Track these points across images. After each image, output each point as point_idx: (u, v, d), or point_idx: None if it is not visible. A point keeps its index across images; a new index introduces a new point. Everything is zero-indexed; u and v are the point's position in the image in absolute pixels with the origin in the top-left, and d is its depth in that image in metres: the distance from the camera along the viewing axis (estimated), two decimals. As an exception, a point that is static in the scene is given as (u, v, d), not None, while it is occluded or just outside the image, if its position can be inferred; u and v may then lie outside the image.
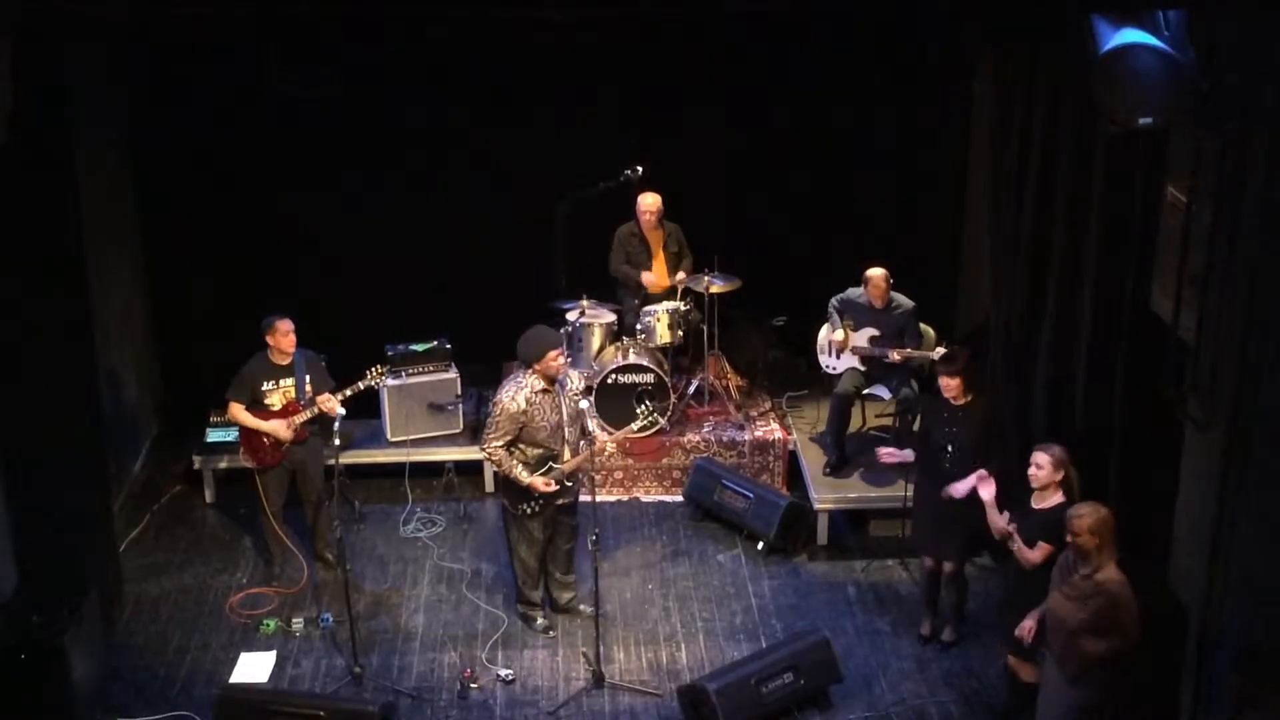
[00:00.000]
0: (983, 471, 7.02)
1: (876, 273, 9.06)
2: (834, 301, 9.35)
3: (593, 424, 8.08)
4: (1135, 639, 6.01)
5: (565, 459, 7.81)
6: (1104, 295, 7.32)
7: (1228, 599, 5.74)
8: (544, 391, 7.70)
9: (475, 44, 9.66)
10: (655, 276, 10.12)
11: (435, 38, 9.52)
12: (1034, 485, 6.70)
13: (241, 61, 9.61)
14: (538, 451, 7.76)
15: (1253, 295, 5.44)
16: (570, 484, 7.94)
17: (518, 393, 7.70)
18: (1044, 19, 7.03)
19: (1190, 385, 6.01)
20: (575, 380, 7.99)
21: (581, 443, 7.91)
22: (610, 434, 8.64)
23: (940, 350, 8.51)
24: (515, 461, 7.74)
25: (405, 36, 9.49)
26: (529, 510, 7.86)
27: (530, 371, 7.72)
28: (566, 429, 7.81)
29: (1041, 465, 6.65)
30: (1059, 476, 6.61)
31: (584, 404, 7.94)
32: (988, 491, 6.86)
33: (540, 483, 7.71)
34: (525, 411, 7.67)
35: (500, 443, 7.71)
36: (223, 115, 10.02)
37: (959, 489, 7.39)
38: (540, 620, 8.22)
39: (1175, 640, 6.17)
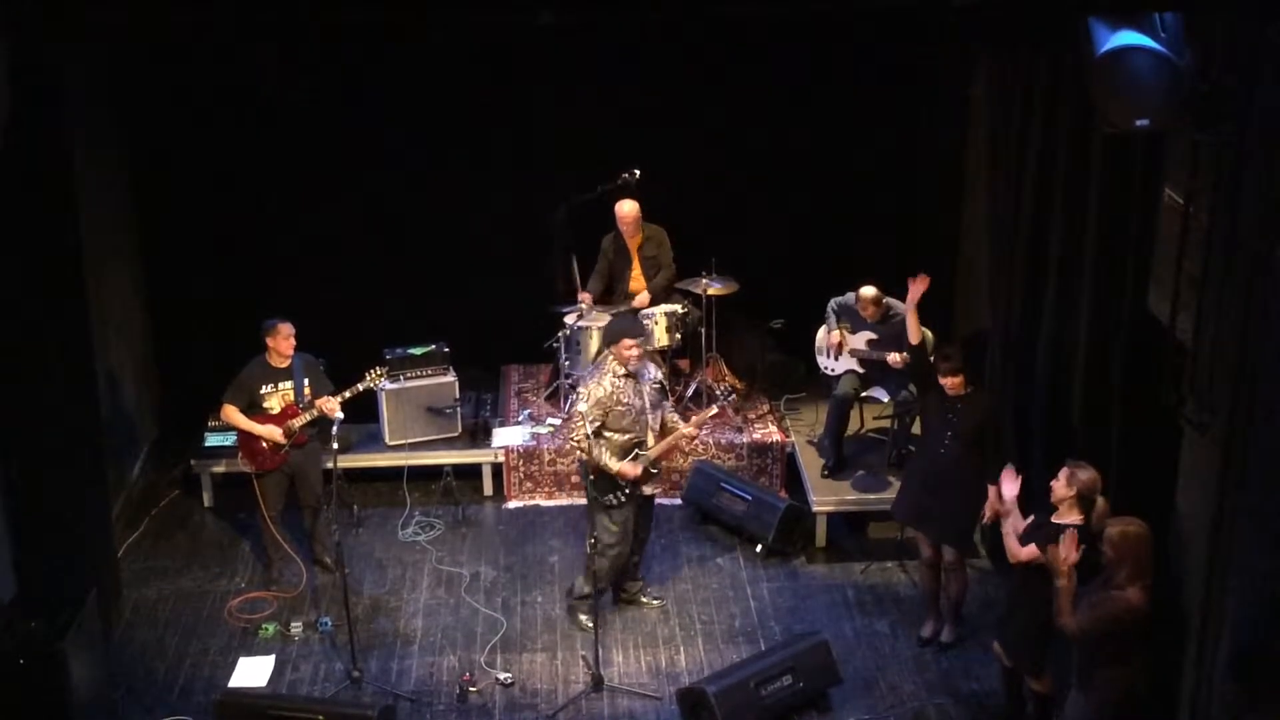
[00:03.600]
0: (1011, 469, 7.01)
1: (867, 293, 9.06)
2: (832, 304, 9.36)
3: (672, 415, 8.14)
4: (1127, 645, 6.02)
5: (650, 446, 7.87)
6: (1102, 297, 7.32)
7: (1226, 601, 5.73)
8: (626, 376, 7.79)
9: (473, 48, 9.69)
10: (633, 288, 10.14)
11: (433, 41, 9.54)
12: (1052, 499, 6.69)
13: (240, 63, 9.62)
14: (624, 438, 7.81)
15: (1250, 297, 5.43)
16: (655, 471, 8.00)
17: (601, 378, 7.83)
18: (1041, 21, 7.03)
19: (1188, 387, 6.00)
20: (655, 371, 8.09)
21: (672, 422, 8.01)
22: (687, 422, 8.38)
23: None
24: (603, 449, 7.77)
25: (403, 40, 9.50)
26: (615, 501, 7.88)
27: (609, 357, 7.86)
28: (649, 415, 7.87)
29: (1058, 480, 6.59)
30: (1071, 493, 6.52)
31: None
32: (1011, 489, 6.86)
33: (630, 468, 7.77)
34: (610, 395, 7.75)
35: (589, 429, 7.74)
36: (222, 118, 10.05)
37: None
38: (584, 617, 8.19)
39: (1174, 643, 6.16)
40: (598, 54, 9.75)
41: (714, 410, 8.39)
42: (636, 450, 7.87)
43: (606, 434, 7.83)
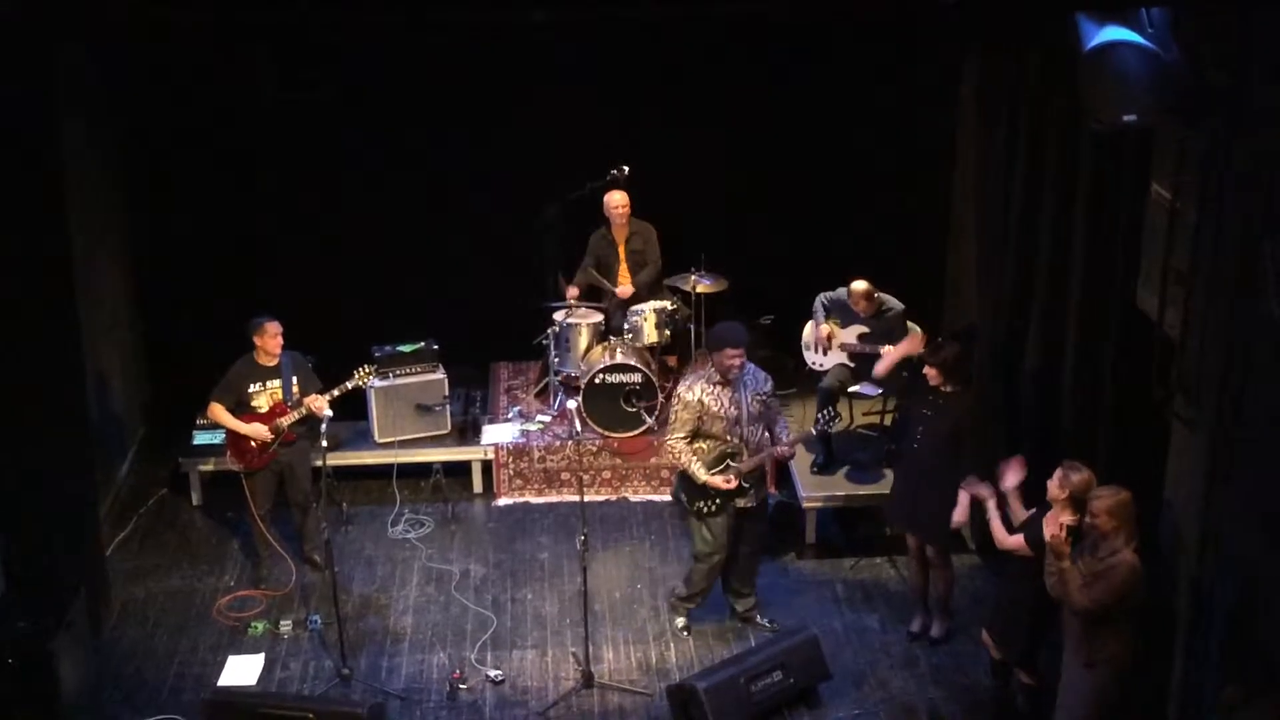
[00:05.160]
0: (1020, 459, 7.02)
1: (859, 288, 9.04)
2: (821, 298, 9.35)
3: (785, 433, 7.91)
4: (1127, 615, 6.06)
5: (745, 459, 7.72)
6: (1091, 292, 7.34)
7: (1216, 593, 5.76)
8: (721, 384, 7.63)
9: (463, 46, 9.66)
10: (620, 281, 10.13)
11: (424, 40, 9.52)
12: (1047, 498, 6.70)
13: (231, 62, 9.60)
14: (716, 448, 7.66)
15: (1237, 292, 5.46)
16: (748, 485, 7.75)
17: (695, 383, 7.68)
18: (1030, 18, 7.04)
19: (1176, 383, 6.02)
20: (766, 383, 7.83)
21: (768, 440, 7.78)
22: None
23: None
24: (694, 457, 7.65)
25: (394, 39, 9.49)
26: (706, 509, 7.75)
27: (709, 365, 7.71)
28: (746, 427, 7.67)
29: (1052, 481, 6.61)
30: (1064, 495, 6.53)
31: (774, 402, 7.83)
32: (1014, 478, 6.88)
33: (719, 481, 7.61)
34: (701, 402, 7.61)
35: (681, 434, 7.65)
36: (212, 117, 10.03)
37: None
38: (681, 620, 8.15)
39: (1165, 634, 6.19)
40: (589, 51, 9.74)
41: (810, 432, 8.21)
42: (728, 462, 7.67)
43: (699, 441, 7.70)
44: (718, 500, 7.71)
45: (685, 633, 8.12)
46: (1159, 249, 6.17)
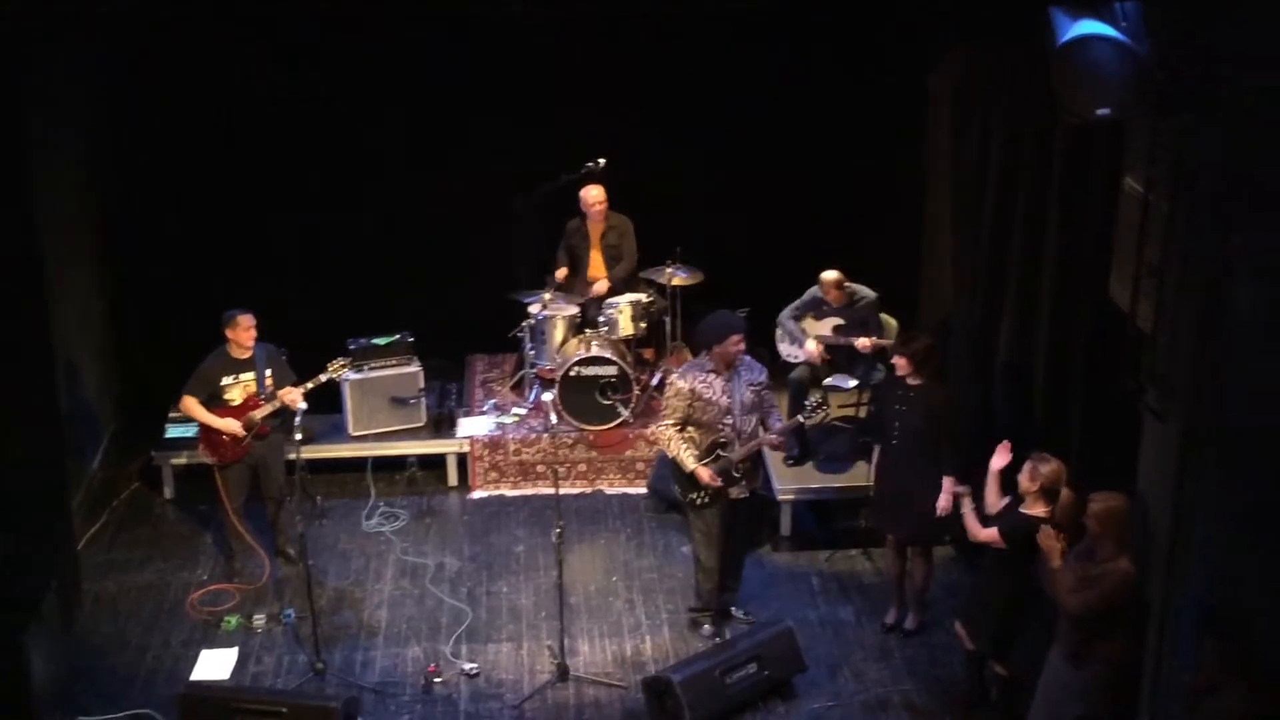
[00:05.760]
0: (1006, 443, 7.04)
1: (829, 277, 9.04)
2: (784, 319, 9.27)
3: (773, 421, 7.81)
4: (1119, 619, 6.10)
5: (736, 448, 7.68)
6: (1063, 285, 7.37)
7: (1187, 584, 5.79)
8: (714, 372, 7.60)
9: (436, 40, 9.64)
10: (591, 274, 10.14)
11: (397, 34, 9.49)
12: (1019, 490, 6.72)
13: (203, 59, 9.56)
14: (706, 436, 7.62)
15: (1209, 285, 5.48)
16: (738, 475, 7.71)
17: (688, 371, 7.67)
18: (1003, 11, 7.06)
19: (1148, 375, 6.05)
20: (760, 374, 7.78)
21: (760, 431, 7.71)
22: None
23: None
24: (683, 445, 7.61)
25: (369, 33, 9.45)
26: (699, 500, 7.72)
27: (709, 355, 7.64)
28: (739, 417, 7.63)
29: (1023, 473, 6.65)
30: (1035, 487, 6.58)
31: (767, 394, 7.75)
32: (1000, 460, 6.91)
33: (705, 474, 7.58)
34: (693, 390, 7.58)
35: (671, 421, 7.63)
36: (184, 110, 9.98)
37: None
38: (708, 627, 8.06)
39: (1138, 625, 6.22)
40: (559, 48, 9.73)
41: (799, 420, 8.00)
42: (719, 452, 7.64)
43: (690, 430, 7.67)
44: (709, 492, 7.70)
45: (716, 640, 7.94)
46: (1131, 242, 6.20)
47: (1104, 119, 5.66)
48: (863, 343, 8.85)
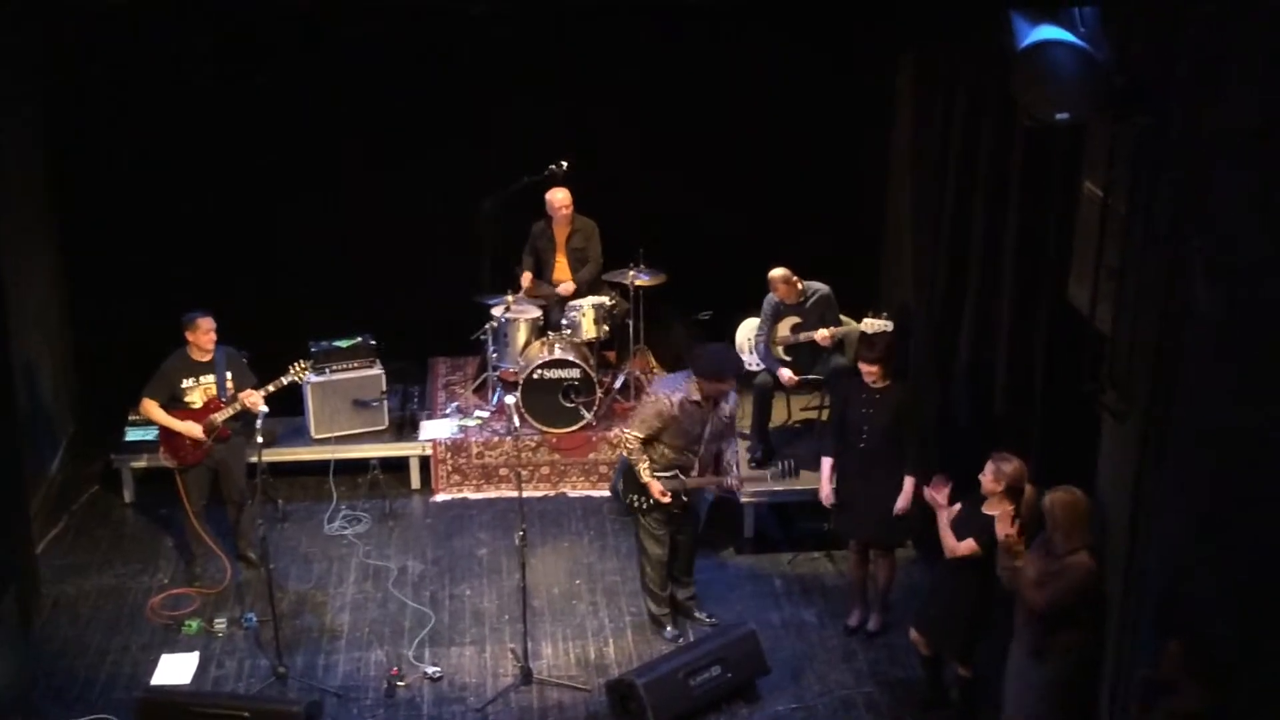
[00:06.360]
0: (942, 476, 7.04)
1: (777, 273, 9.05)
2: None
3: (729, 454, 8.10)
4: (1083, 611, 6.15)
5: (693, 474, 7.77)
6: (1023, 288, 7.42)
7: (1146, 582, 5.84)
8: (696, 403, 7.63)
9: (399, 40, 9.61)
10: (556, 277, 10.14)
11: (357, 32, 9.45)
12: (982, 492, 6.76)
13: (160, 54, 9.48)
14: (672, 457, 7.69)
15: (1167, 287, 5.54)
16: (687, 499, 7.84)
17: (674, 394, 7.64)
18: (964, 16, 7.11)
19: (1107, 376, 6.11)
20: (731, 405, 7.86)
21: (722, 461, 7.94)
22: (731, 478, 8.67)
23: (870, 321, 8.55)
24: (645, 457, 7.67)
25: (330, 30, 9.41)
26: (637, 503, 7.78)
27: (694, 381, 7.63)
28: (705, 445, 7.74)
29: (985, 474, 6.67)
30: (999, 487, 6.61)
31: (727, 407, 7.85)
32: (942, 494, 6.91)
33: (657, 488, 7.65)
34: (675, 416, 7.61)
35: (639, 433, 7.65)
36: (141, 110, 9.90)
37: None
38: (670, 629, 8.09)
39: (1098, 624, 6.28)
40: (520, 48, 9.72)
41: (749, 475, 8.33)
42: (677, 472, 7.72)
43: (659, 445, 7.70)
44: (650, 500, 7.74)
45: (680, 641, 8.00)
46: (1091, 244, 6.26)
47: (1063, 123, 5.73)
48: (823, 334, 8.88)
